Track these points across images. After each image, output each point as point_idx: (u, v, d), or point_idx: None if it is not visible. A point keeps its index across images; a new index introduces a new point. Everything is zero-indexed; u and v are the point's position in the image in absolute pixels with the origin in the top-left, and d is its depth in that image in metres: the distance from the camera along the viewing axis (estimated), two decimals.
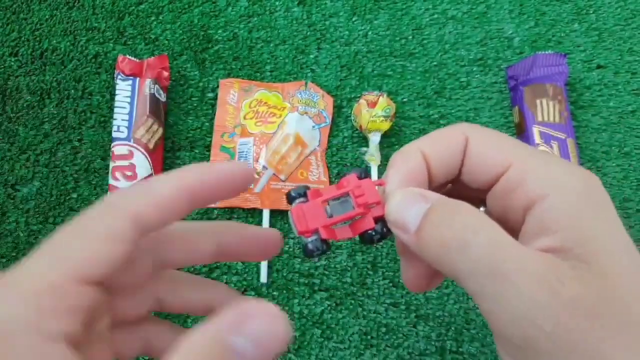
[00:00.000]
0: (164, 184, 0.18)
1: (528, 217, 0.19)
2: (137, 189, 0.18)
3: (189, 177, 0.18)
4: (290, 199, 0.22)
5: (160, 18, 0.55)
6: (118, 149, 0.47)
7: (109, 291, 0.18)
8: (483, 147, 0.20)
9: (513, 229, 0.20)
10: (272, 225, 0.48)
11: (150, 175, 0.47)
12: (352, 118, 0.50)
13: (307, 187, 0.22)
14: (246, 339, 0.15)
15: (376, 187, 0.22)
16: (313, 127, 0.50)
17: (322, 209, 0.21)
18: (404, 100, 0.52)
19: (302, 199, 0.22)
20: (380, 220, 0.21)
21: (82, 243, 0.16)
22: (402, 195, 0.20)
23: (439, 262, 0.18)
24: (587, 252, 0.17)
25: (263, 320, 0.15)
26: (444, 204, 0.19)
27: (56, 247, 0.16)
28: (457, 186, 0.23)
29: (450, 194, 0.22)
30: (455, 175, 0.22)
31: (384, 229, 0.21)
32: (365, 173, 0.22)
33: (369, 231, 0.21)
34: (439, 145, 0.21)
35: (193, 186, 0.18)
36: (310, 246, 0.21)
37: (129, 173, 0.46)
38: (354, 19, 0.55)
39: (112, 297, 0.19)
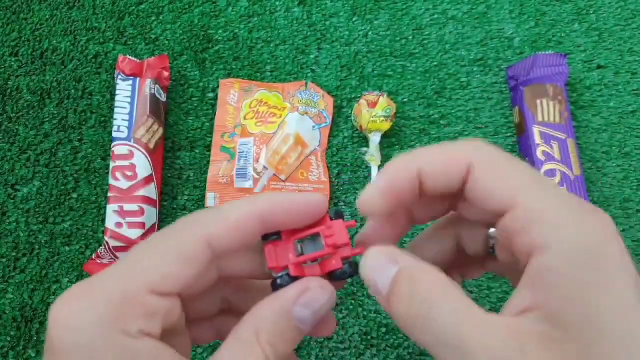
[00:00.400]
0: (236, 209, 0.20)
1: (529, 263, 0.17)
2: (210, 212, 0.20)
3: (260, 203, 0.20)
4: (264, 237, 0.22)
5: (161, 18, 0.55)
6: (118, 148, 0.47)
7: (181, 298, 0.20)
8: (488, 178, 0.19)
9: (517, 267, 0.19)
10: None
11: (150, 175, 0.47)
12: (352, 118, 0.50)
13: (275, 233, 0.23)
14: (306, 307, 0.20)
15: (346, 229, 0.22)
16: (313, 127, 0.50)
17: (293, 248, 0.22)
18: (404, 100, 0.52)
19: (275, 237, 0.22)
20: (348, 260, 0.22)
21: (158, 260, 0.19)
22: (374, 255, 0.20)
23: (406, 331, 0.19)
24: (569, 322, 0.16)
25: (317, 292, 0.20)
26: (409, 272, 0.19)
27: (136, 260, 0.19)
28: (463, 204, 0.22)
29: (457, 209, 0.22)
30: (455, 194, 0.21)
31: (350, 270, 0.22)
32: (337, 214, 0.22)
33: (336, 270, 0.22)
34: (438, 166, 0.20)
35: (263, 212, 0.20)
36: (278, 281, 0.21)
37: (129, 173, 0.46)
38: (354, 19, 0.55)
39: (185, 302, 0.21)
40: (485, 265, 0.25)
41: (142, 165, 0.46)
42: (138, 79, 0.49)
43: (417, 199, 0.21)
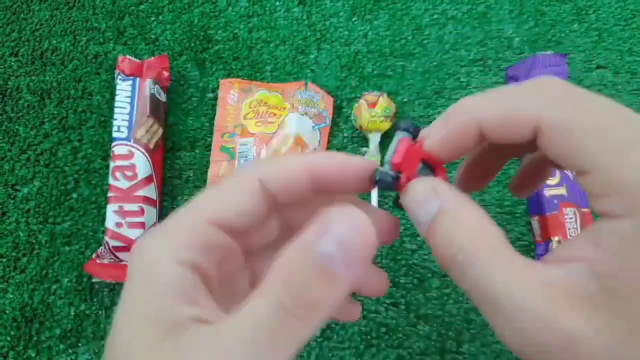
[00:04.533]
0: (290, 159, 0.21)
1: (597, 221, 0.17)
2: (267, 160, 0.22)
3: (313, 158, 0.21)
4: (402, 127, 0.22)
5: (161, 18, 0.55)
6: (118, 149, 0.47)
7: (242, 241, 0.21)
8: (560, 143, 0.17)
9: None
10: None
11: (150, 175, 0.47)
12: (352, 118, 0.50)
13: (417, 127, 0.22)
14: (331, 242, 0.15)
15: (405, 149, 0.22)
16: (313, 127, 0.50)
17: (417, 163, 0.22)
18: (404, 100, 0.52)
19: (410, 137, 0.22)
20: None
21: (218, 194, 0.20)
22: (416, 189, 0.20)
23: (445, 271, 0.18)
24: (622, 287, 0.15)
25: (344, 223, 0.16)
26: (448, 213, 0.18)
27: (200, 199, 0.20)
28: None
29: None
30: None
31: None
32: (414, 128, 0.22)
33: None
34: (500, 126, 0.19)
35: (315, 166, 0.21)
36: (377, 176, 0.21)
37: (129, 173, 0.46)
38: (354, 19, 0.55)
39: (243, 237, 0.21)
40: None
41: (142, 166, 0.46)
42: (138, 79, 0.49)
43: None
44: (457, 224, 0.18)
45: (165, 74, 0.51)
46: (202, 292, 0.18)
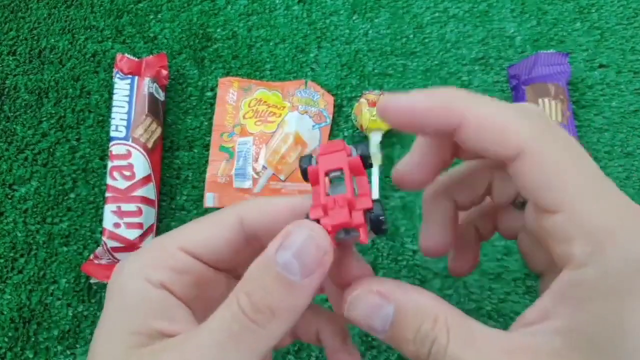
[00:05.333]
0: (275, 199, 0.22)
1: (562, 273, 0.17)
2: (254, 200, 0.22)
3: (296, 199, 0.22)
4: (303, 172, 0.22)
5: (159, 16, 0.55)
6: (116, 148, 0.46)
7: (227, 268, 0.22)
8: (535, 173, 0.17)
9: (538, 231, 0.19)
10: None
11: (149, 175, 0.46)
12: (353, 117, 0.49)
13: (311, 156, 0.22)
14: (289, 252, 0.17)
15: (367, 183, 0.20)
16: (313, 126, 0.50)
17: (327, 183, 0.20)
18: None
19: (310, 159, 0.22)
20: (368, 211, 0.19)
21: (196, 226, 0.21)
22: (363, 297, 0.19)
23: None
24: (595, 339, 0.15)
25: (300, 234, 0.17)
26: (407, 309, 0.18)
27: (179, 228, 0.21)
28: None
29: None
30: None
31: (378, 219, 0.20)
32: (361, 155, 0.20)
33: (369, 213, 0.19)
34: (482, 137, 0.18)
35: (297, 205, 0.21)
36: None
37: (127, 173, 0.46)
38: (354, 18, 0.54)
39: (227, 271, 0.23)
40: (501, 223, 0.25)
41: (141, 165, 0.46)
42: (136, 78, 0.49)
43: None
44: (418, 317, 0.18)
45: (164, 72, 0.50)
46: (176, 308, 0.19)
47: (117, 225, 0.44)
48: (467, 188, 0.23)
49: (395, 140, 0.50)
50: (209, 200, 0.48)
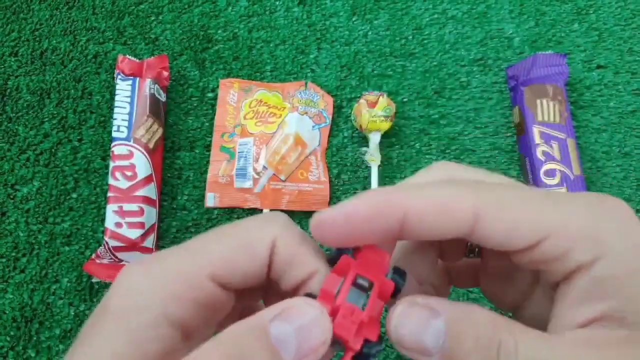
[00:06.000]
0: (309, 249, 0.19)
1: (574, 282, 0.16)
2: (281, 215, 0.19)
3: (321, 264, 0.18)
4: (335, 256, 0.18)
5: (160, 18, 0.55)
6: (118, 148, 0.47)
7: (236, 294, 0.19)
8: (505, 220, 0.16)
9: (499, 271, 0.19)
10: None
11: (150, 175, 0.47)
12: (352, 118, 0.50)
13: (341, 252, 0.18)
14: (289, 326, 0.15)
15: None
16: (313, 127, 0.50)
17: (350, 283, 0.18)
18: (404, 100, 0.52)
19: (345, 253, 0.18)
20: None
21: (223, 249, 0.18)
22: (408, 313, 0.17)
23: None
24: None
25: (309, 312, 0.15)
26: (459, 319, 0.16)
27: (199, 245, 0.18)
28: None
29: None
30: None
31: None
32: (398, 280, 0.18)
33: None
34: (434, 217, 0.17)
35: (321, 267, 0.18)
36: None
37: (129, 173, 0.46)
38: (354, 19, 0.55)
39: (240, 298, 0.20)
40: (457, 279, 0.23)
41: (142, 166, 0.46)
42: (138, 79, 0.49)
43: (389, 242, 0.18)
44: (479, 326, 0.16)
45: (165, 73, 0.51)
46: (178, 349, 0.17)
47: (118, 224, 0.45)
48: (420, 261, 0.21)
49: (395, 140, 0.51)
50: (209, 200, 0.49)
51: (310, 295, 0.17)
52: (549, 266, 0.17)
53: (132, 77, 0.49)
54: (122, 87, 0.49)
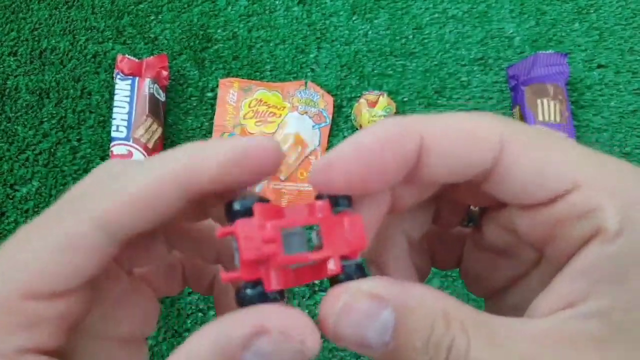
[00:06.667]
0: (140, 174, 0.14)
1: (583, 251, 0.14)
2: (105, 180, 0.15)
3: (177, 163, 0.14)
4: (228, 210, 0.14)
5: (160, 17, 0.55)
6: (117, 148, 0.47)
7: (96, 290, 0.16)
8: (534, 159, 0.14)
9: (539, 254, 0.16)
10: None
11: None
12: (353, 118, 0.50)
13: (260, 199, 0.14)
14: (260, 358, 0.13)
15: (364, 229, 0.15)
16: (313, 126, 0.50)
17: (279, 237, 0.14)
18: (405, 99, 0.52)
19: (242, 212, 0.14)
20: (348, 262, 0.15)
21: (29, 255, 0.14)
22: (350, 307, 0.14)
23: None
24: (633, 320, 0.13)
25: (278, 340, 0.13)
26: (410, 314, 0.14)
27: (6, 259, 0.14)
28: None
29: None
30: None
31: (357, 275, 0.15)
32: (345, 201, 0.15)
33: (338, 277, 0.15)
34: (455, 143, 0.15)
35: (184, 175, 0.14)
36: (248, 293, 0.14)
37: None
38: (354, 19, 0.55)
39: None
40: (439, 253, 0.21)
41: None
42: (137, 78, 0.49)
43: (400, 182, 0.15)
44: (433, 319, 0.14)
45: (165, 73, 0.50)
46: None
47: None
48: (415, 221, 0.19)
49: None
50: None
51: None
52: (567, 228, 0.14)
53: (131, 77, 0.49)
54: (122, 87, 0.48)
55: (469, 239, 0.20)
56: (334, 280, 0.15)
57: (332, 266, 0.15)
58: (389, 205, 0.17)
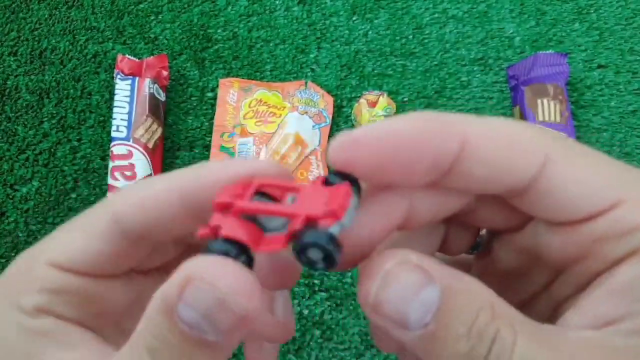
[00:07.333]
0: (151, 183, 0.16)
1: (619, 270, 0.13)
2: (126, 188, 0.17)
3: (182, 179, 0.16)
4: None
5: (160, 17, 0.55)
6: (117, 148, 0.47)
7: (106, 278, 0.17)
8: (578, 174, 0.14)
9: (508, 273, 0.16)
10: None
11: (150, 175, 0.47)
12: (353, 118, 0.50)
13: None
14: (194, 313, 0.12)
15: (349, 195, 0.14)
16: (313, 126, 0.50)
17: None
18: (405, 99, 0.52)
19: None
20: (313, 226, 0.13)
21: (60, 235, 0.17)
22: (396, 275, 0.13)
23: None
24: None
25: (204, 295, 0.12)
26: (458, 296, 0.13)
27: (49, 238, 0.17)
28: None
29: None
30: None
31: (314, 240, 0.13)
32: (340, 175, 0.14)
33: (296, 234, 0.13)
34: (500, 153, 0.14)
35: (185, 187, 0.15)
36: (209, 247, 0.14)
37: (128, 173, 0.46)
38: (354, 18, 0.55)
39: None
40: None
41: (142, 165, 0.46)
42: (137, 78, 0.49)
43: (423, 185, 0.14)
44: (480, 306, 0.13)
45: (165, 73, 0.50)
46: (69, 333, 0.16)
47: None
48: (421, 245, 0.18)
49: None
50: None
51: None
52: (605, 245, 0.14)
53: (131, 77, 0.49)
54: (122, 87, 0.49)
55: (474, 265, 0.19)
56: (293, 244, 0.13)
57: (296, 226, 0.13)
58: (404, 215, 0.15)
